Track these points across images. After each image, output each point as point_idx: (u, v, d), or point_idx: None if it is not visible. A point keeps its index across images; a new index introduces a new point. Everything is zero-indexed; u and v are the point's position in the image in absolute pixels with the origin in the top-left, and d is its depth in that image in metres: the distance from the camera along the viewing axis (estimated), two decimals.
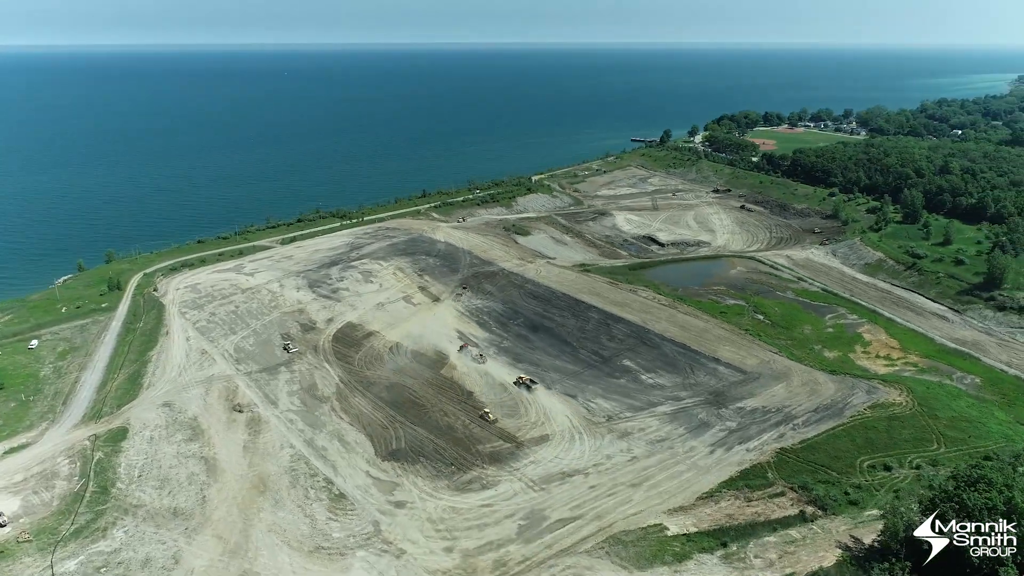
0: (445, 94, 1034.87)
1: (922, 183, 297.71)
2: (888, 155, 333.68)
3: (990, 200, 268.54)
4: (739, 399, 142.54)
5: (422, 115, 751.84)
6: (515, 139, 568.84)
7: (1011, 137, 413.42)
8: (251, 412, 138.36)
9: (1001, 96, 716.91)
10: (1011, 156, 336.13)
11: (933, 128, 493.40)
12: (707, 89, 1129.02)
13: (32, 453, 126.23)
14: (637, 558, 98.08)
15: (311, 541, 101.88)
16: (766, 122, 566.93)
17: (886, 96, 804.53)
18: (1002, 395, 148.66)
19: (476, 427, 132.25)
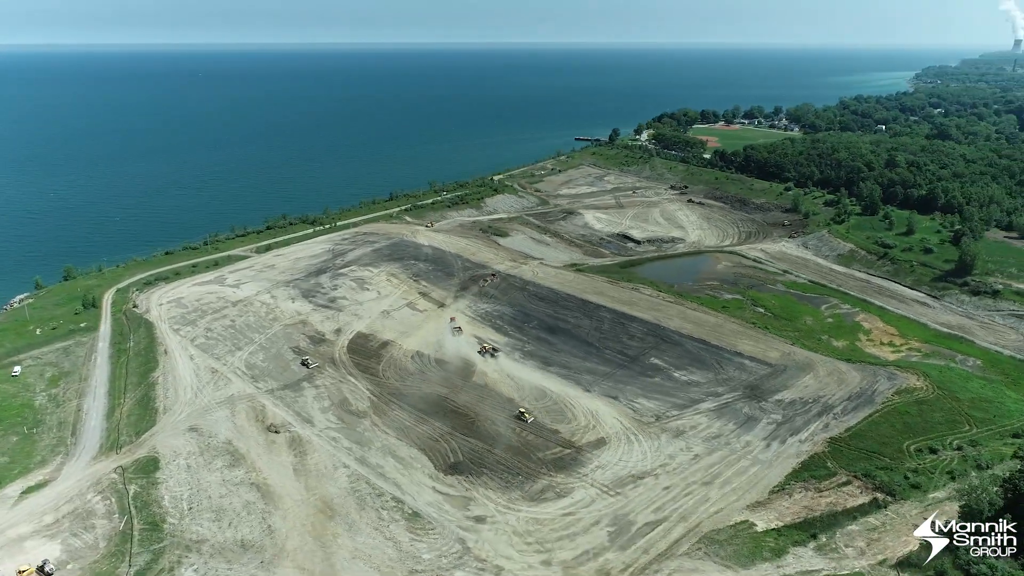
0: (388, 96, 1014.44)
1: (873, 176, 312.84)
2: (837, 150, 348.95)
3: (940, 191, 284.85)
4: (775, 392, 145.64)
5: (363, 117, 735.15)
6: (463, 140, 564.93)
7: (936, 132, 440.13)
8: (288, 432, 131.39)
9: (911, 93, 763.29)
10: (945, 149, 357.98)
11: (860, 123, 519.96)
12: (641, 88, 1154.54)
13: (55, 491, 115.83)
14: (737, 556, 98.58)
15: (403, 565, 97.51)
16: (703, 119, 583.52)
17: (804, 93, 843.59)
18: (1005, 375, 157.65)
19: (531, 434, 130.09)
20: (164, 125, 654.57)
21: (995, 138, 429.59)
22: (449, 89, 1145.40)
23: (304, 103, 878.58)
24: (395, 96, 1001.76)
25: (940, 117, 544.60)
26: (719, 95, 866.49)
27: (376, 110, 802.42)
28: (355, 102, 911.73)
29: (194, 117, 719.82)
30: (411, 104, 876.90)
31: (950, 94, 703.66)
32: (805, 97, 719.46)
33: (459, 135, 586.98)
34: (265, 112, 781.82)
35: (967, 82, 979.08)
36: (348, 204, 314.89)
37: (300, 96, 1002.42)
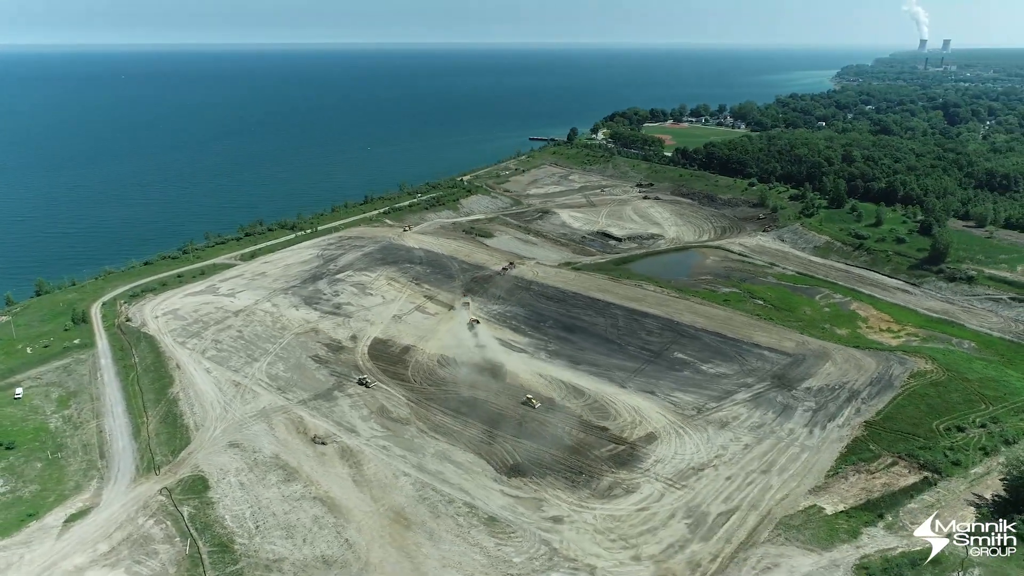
0: (333, 99, 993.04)
1: (834, 171, 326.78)
2: (796, 146, 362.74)
3: (899, 184, 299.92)
4: (801, 380, 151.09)
5: (307, 121, 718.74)
6: (416, 142, 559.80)
7: (879, 128, 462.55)
8: (335, 443, 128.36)
9: (843, 91, 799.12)
10: (894, 144, 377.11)
11: (801, 120, 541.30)
12: (584, 87, 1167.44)
13: (101, 518, 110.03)
14: (817, 540, 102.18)
15: (496, 570, 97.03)
16: (653, 118, 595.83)
17: (737, 92, 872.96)
18: (1000, 355, 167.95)
19: (583, 433, 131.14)
20: (107, 129, 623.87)
21: (931, 133, 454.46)
22: (395, 90, 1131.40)
23: (237, 106, 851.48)
24: (340, 98, 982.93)
25: (874, 114, 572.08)
26: (659, 94, 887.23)
27: (320, 113, 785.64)
28: (297, 104, 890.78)
29: (132, 122, 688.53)
30: (355, 107, 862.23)
31: (878, 91, 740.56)
32: (739, 95, 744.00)
33: (411, 137, 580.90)
34: (203, 116, 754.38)
35: (886, 80, 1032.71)
36: (317, 208, 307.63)
37: (234, 99, 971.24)
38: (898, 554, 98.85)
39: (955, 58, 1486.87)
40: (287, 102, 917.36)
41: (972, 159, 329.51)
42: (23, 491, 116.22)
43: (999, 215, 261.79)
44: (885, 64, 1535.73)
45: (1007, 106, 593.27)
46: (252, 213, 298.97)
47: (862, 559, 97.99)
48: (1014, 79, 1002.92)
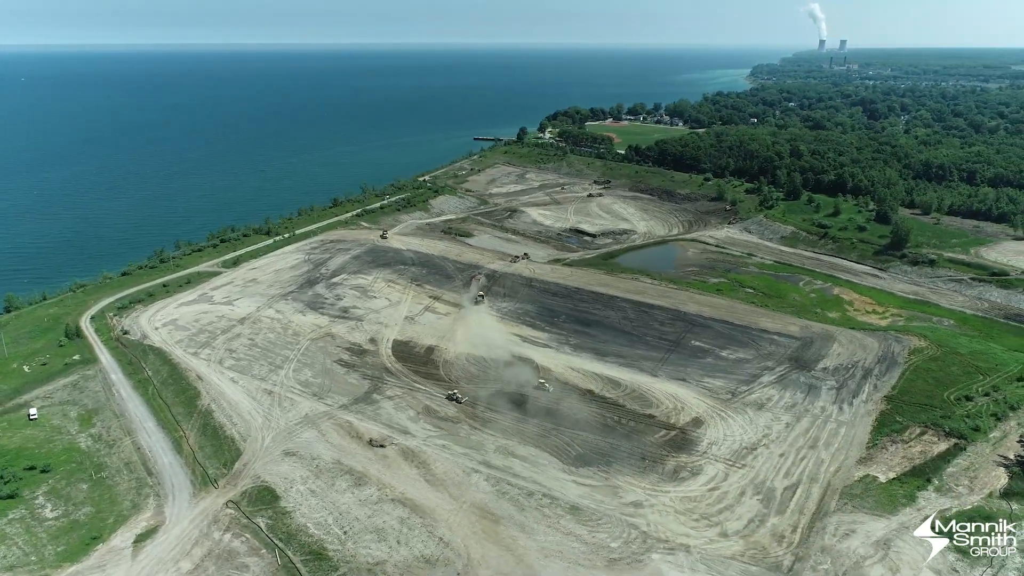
0: (271, 100, 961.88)
1: (785, 164, 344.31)
2: (746, 142, 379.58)
3: (847, 175, 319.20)
4: (816, 361, 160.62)
5: (242, 122, 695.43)
6: (357, 144, 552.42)
7: (813, 123, 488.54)
8: (393, 445, 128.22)
9: (764, 88, 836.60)
10: (834, 137, 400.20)
11: (737, 117, 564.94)
12: (515, 88, 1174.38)
13: (173, 536, 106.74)
14: (881, 506, 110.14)
15: (598, 556, 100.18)
16: (594, 117, 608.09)
17: (659, 90, 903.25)
18: (978, 331, 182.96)
19: (633, 421, 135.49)
20: (42, 133, 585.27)
21: (857, 128, 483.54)
22: (325, 91, 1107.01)
23: (170, 110, 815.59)
24: (268, 100, 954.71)
25: (799, 111, 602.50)
26: (588, 93, 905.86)
27: (249, 114, 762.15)
28: (228, 106, 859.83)
29: (60, 126, 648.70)
30: (287, 109, 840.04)
31: (797, 89, 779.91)
32: (662, 94, 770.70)
33: (350, 141, 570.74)
34: (123, 117, 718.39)
35: (797, 78, 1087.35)
36: (281, 212, 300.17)
37: (155, 100, 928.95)
38: (954, 513, 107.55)
39: (853, 58, 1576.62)
40: (219, 104, 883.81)
41: (907, 151, 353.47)
42: (77, 514, 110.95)
43: (943, 203, 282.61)
44: (792, 63, 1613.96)
45: (916, 102, 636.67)
46: (212, 219, 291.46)
47: (936, 514, 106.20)
48: (912, 77, 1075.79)
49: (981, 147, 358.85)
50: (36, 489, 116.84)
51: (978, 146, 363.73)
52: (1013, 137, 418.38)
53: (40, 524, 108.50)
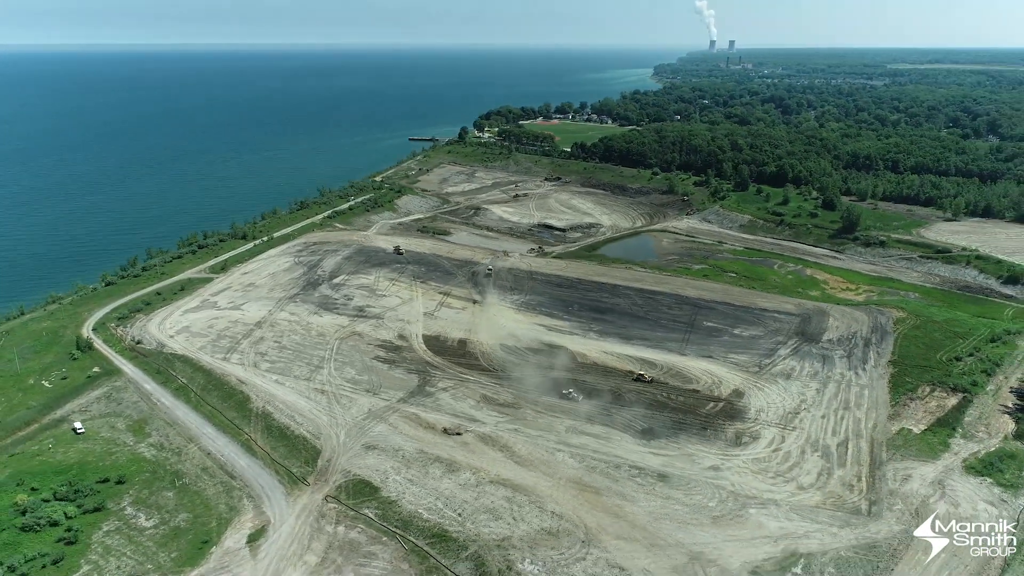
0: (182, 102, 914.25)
1: (728, 158, 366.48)
2: (687, 138, 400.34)
3: (787, 167, 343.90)
4: (820, 334, 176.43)
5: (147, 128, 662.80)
6: (290, 147, 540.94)
7: (738, 120, 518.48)
8: (468, 432, 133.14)
9: (677, 87, 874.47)
10: (763, 132, 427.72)
11: (663, 115, 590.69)
12: (432, 88, 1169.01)
13: (285, 533, 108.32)
14: (925, 453, 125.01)
15: (703, 515, 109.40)
16: (525, 116, 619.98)
17: (570, 90, 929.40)
18: (942, 301, 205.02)
19: (682, 396, 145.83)
20: None
21: (777, 123, 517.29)
22: (235, 93, 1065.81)
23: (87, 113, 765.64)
24: (188, 103, 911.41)
25: (716, 107, 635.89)
26: (505, 93, 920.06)
27: (151, 119, 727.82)
28: (145, 109, 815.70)
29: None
30: (201, 112, 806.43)
31: (709, 87, 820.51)
32: (575, 93, 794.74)
33: (276, 144, 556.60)
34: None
35: (700, 76, 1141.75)
36: (245, 217, 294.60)
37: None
38: (984, 455, 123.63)
39: (741, 57, 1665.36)
40: (133, 106, 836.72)
41: (834, 144, 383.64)
42: (175, 521, 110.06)
43: (876, 190, 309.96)
44: (689, 62, 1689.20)
45: (819, 98, 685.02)
46: (169, 227, 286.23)
47: (963, 462, 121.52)
48: (804, 75, 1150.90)
49: (897, 139, 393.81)
50: (120, 500, 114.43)
51: (894, 138, 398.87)
52: (916, 129, 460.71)
53: (141, 533, 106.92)
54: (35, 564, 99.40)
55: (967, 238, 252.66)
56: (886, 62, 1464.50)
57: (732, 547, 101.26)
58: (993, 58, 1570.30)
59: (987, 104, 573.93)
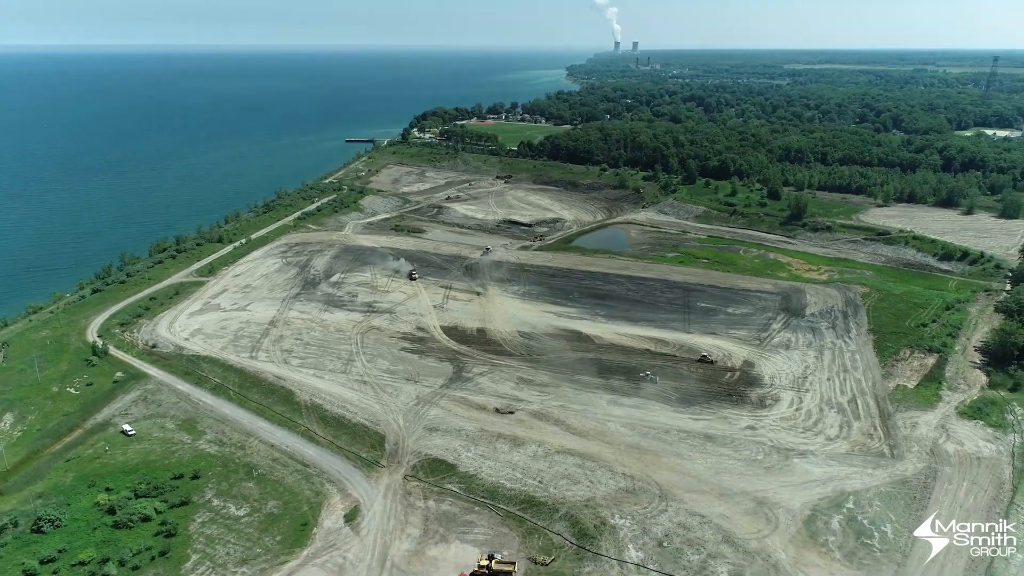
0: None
1: (674, 153, 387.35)
2: (634, 134, 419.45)
3: (729, 161, 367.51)
4: (802, 309, 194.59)
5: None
6: (217, 152, 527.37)
7: (670, 119, 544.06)
8: (520, 410, 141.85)
9: (597, 88, 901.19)
10: (696, 129, 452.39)
11: (594, 113, 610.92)
12: (352, 90, 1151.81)
13: (379, 510, 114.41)
14: (923, 404, 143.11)
15: (756, 466, 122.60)
16: (459, 116, 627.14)
17: (490, 89, 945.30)
18: (894, 277, 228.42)
19: (694, 367, 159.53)
20: None
21: (704, 121, 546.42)
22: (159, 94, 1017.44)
23: None
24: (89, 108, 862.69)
25: (642, 106, 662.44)
26: (421, 94, 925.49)
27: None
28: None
29: None
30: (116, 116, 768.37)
31: (629, 87, 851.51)
32: (491, 94, 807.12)
33: (194, 150, 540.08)
34: None
35: (613, 77, 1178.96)
36: (204, 220, 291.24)
37: None
38: (970, 403, 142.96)
39: (645, 58, 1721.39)
40: (38, 112, 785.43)
41: (767, 139, 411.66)
42: (266, 508, 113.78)
43: (813, 180, 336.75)
44: (598, 63, 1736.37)
45: (735, 97, 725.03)
46: (125, 233, 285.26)
47: (956, 409, 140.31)
48: (711, 75, 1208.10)
49: (821, 133, 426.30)
50: (203, 493, 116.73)
51: (819, 133, 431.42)
52: (831, 124, 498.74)
53: (237, 522, 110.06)
54: (143, 557, 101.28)
55: (900, 221, 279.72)
56: (782, 62, 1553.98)
57: (788, 491, 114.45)
58: (874, 59, 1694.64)
59: (885, 101, 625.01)
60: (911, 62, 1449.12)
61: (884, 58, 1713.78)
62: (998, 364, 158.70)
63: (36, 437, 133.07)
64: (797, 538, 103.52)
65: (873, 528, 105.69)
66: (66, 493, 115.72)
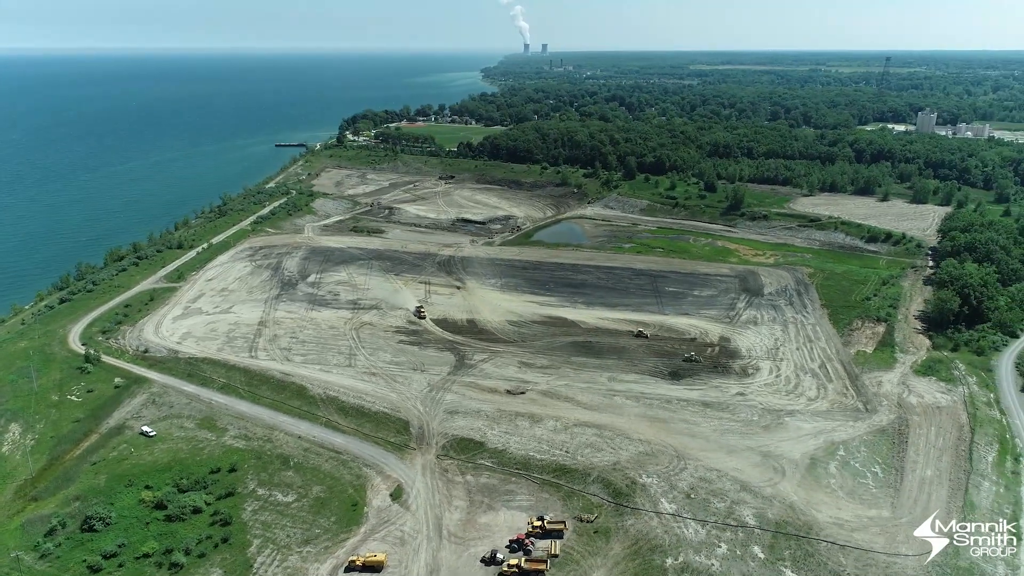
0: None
1: (610, 151, 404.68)
2: (571, 133, 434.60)
3: (664, 157, 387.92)
4: (760, 290, 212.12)
5: None
6: (133, 161, 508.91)
7: (600, 117, 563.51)
8: (530, 391, 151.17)
9: (519, 89, 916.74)
10: (629, 128, 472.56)
11: (523, 114, 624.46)
12: (259, 94, 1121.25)
13: (420, 487, 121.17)
14: (884, 364, 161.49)
15: (754, 426, 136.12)
16: (389, 119, 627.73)
17: (408, 92, 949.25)
18: (832, 259, 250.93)
19: (683, 345, 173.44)
20: None
21: (630, 119, 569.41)
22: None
23: None
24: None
25: (568, 107, 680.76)
26: (345, 96, 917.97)
27: None
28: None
29: None
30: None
31: (550, 89, 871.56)
32: (410, 96, 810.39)
33: (104, 159, 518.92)
34: None
35: (528, 78, 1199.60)
36: (144, 228, 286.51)
37: None
38: (921, 363, 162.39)
39: (558, 60, 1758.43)
40: None
41: (695, 136, 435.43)
42: (312, 493, 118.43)
43: (743, 173, 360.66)
44: (511, 65, 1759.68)
45: (653, 96, 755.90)
46: (64, 243, 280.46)
47: (912, 365, 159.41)
48: (622, 76, 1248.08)
49: (744, 130, 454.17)
50: (246, 484, 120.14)
51: (742, 129, 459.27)
52: (747, 121, 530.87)
53: (287, 507, 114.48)
54: (206, 545, 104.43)
55: (827, 208, 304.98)
56: (686, 63, 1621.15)
57: (787, 445, 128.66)
58: (770, 59, 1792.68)
59: (792, 99, 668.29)
60: (804, 62, 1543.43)
61: (779, 59, 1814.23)
62: (937, 328, 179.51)
63: (52, 444, 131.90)
64: (804, 483, 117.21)
65: (865, 470, 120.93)
66: (105, 494, 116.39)
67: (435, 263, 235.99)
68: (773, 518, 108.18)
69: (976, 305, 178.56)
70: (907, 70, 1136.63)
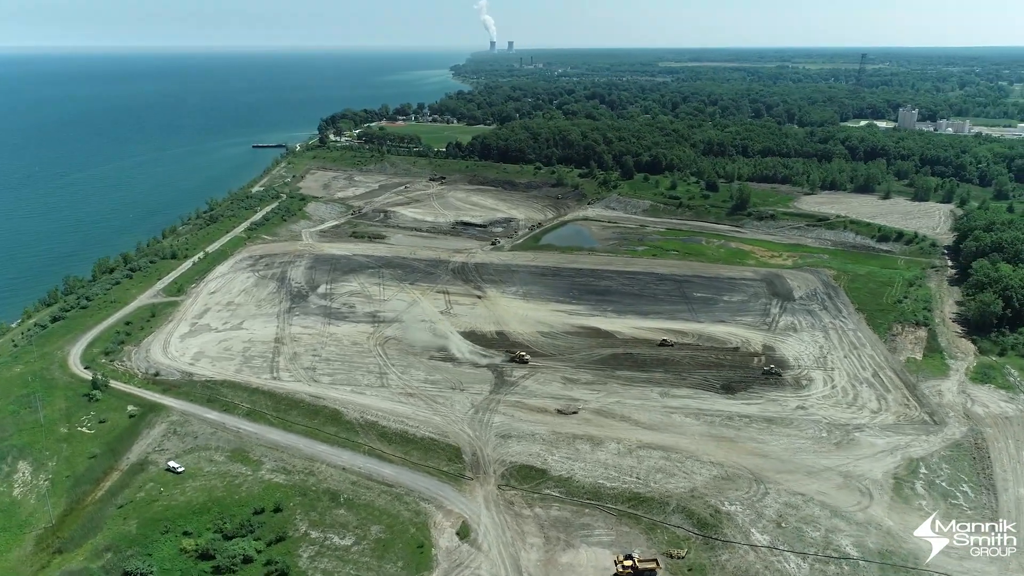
0: None
1: (605, 150, 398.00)
2: (563, 133, 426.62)
3: (660, 156, 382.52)
4: (789, 293, 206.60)
5: None
6: (109, 163, 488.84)
7: (586, 115, 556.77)
8: (582, 409, 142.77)
9: (497, 88, 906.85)
10: (615, 126, 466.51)
11: (506, 113, 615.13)
12: (231, 94, 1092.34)
13: (486, 523, 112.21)
14: (937, 372, 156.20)
15: (825, 442, 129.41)
16: (368, 119, 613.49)
17: (377, 91, 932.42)
18: (850, 259, 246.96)
19: (727, 355, 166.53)
20: None
21: (616, 118, 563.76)
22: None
23: None
24: None
25: (551, 105, 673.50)
26: (314, 96, 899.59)
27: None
28: None
29: None
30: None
31: (527, 87, 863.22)
32: (391, 95, 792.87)
33: (75, 162, 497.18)
34: None
35: (502, 77, 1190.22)
36: (139, 235, 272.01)
37: None
38: (974, 369, 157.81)
39: (526, 57, 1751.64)
40: None
41: (687, 134, 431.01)
42: (372, 535, 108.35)
43: (742, 172, 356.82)
44: (480, 63, 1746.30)
45: (632, 94, 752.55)
46: (47, 253, 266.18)
47: (966, 372, 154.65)
48: (594, 73, 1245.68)
49: (736, 128, 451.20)
50: (297, 526, 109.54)
51: (733, 127, 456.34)
52: (732, 118, 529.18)
53: (347, 552, 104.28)
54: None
55: (831, 207, 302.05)
56: (655, 60, 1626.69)
57: (865, 463, 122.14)
58: (736, 56, 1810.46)
59: (771, 96, 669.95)
60: (769, 59, 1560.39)
61: (744, 56, 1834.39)
62: (978, 332, 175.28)
63: (69, 485, 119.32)
64: (894, 505, 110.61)
65: (954, 489, 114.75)
66: (139, 543, 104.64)
67: (448, 270, 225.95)
68: (874, 547, 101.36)
69: (1019, 308, 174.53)
70: (873, 67, 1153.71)
